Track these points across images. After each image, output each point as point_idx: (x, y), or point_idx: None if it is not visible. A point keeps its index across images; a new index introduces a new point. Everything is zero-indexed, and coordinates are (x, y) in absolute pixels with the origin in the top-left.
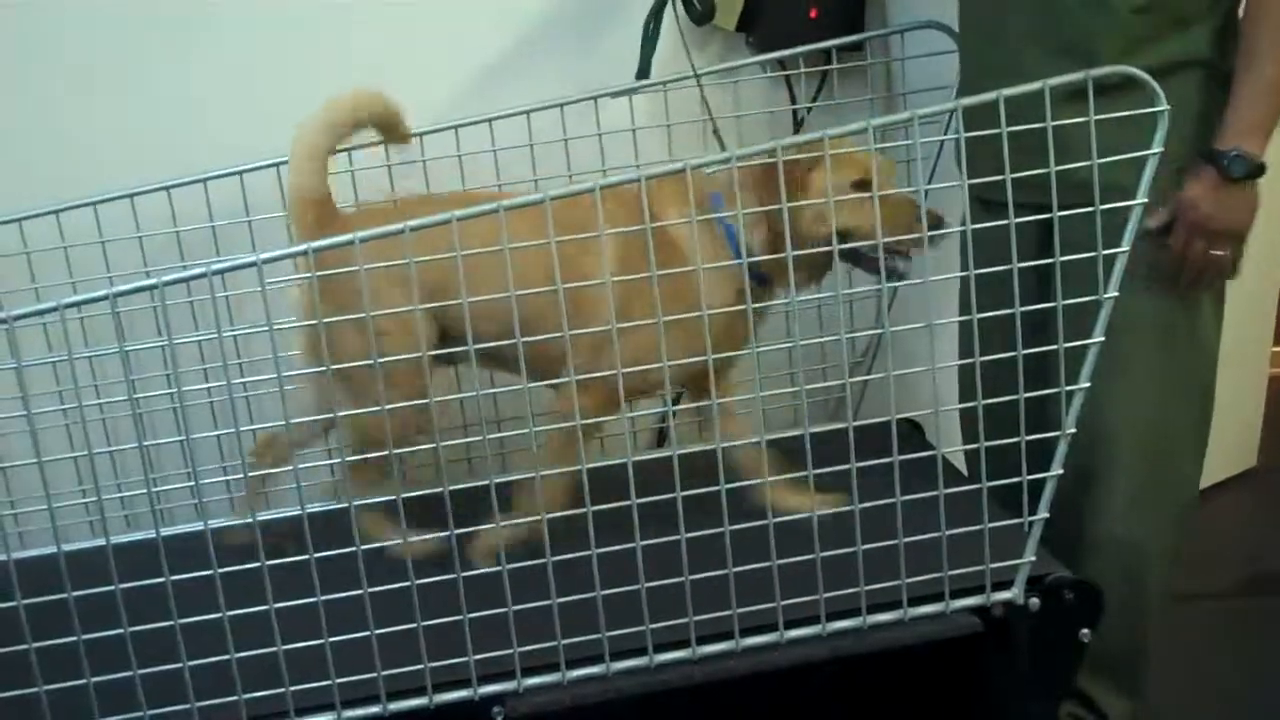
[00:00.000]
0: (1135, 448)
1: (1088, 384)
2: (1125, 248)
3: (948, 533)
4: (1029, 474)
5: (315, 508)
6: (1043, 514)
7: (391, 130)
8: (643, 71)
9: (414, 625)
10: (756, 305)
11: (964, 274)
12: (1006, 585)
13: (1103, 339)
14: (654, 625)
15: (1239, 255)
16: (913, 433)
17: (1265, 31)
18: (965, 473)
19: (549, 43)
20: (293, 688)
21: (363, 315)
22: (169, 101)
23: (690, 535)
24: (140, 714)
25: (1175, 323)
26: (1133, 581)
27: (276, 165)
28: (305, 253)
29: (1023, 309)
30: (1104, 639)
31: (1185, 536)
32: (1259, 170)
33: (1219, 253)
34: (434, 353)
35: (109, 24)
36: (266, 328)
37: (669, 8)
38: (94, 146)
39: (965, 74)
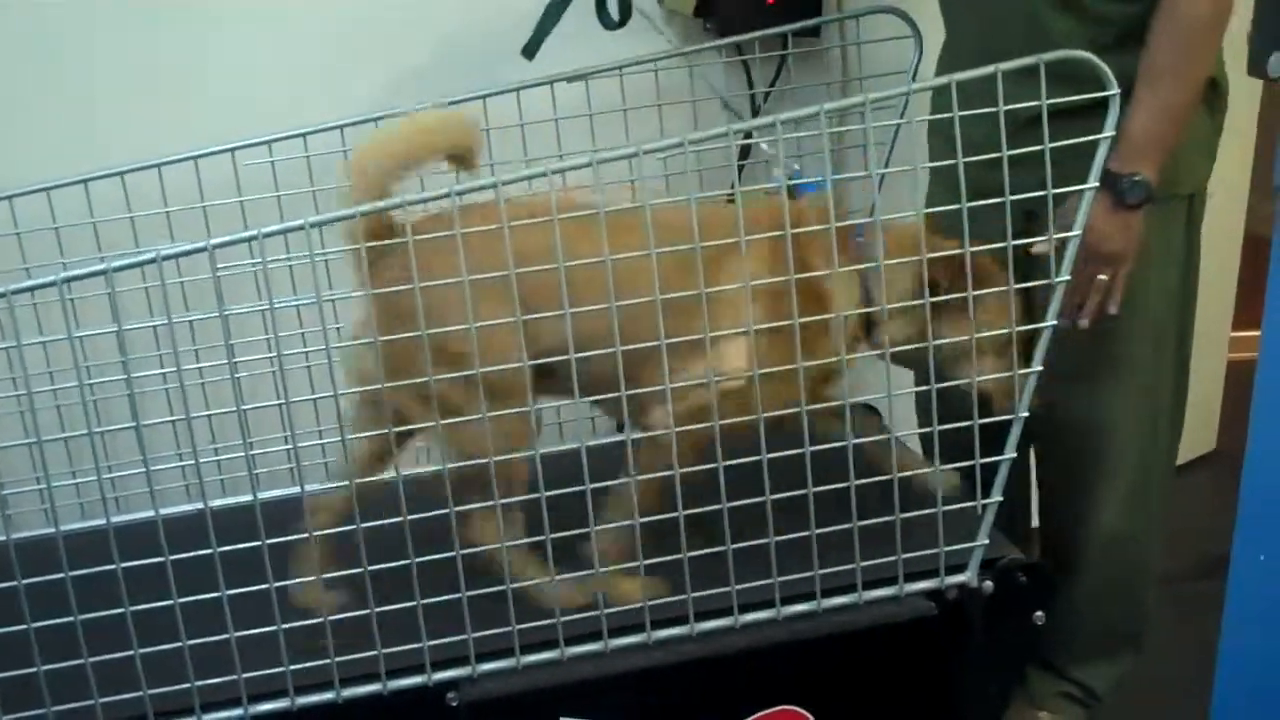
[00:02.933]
0: (1131, 444)
1: (1040, 368)
2: (1077, 232)
3: (902, 516)
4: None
5: (268, 494)
6: (996, 497)
7: (463, 160)
8: (529, 51)
9: (367, 611)
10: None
11: (917, 258)
12: (960, 569)
13: (1055, 322)
14: (607, 610)
15: (1124, 283)
16: (870, 417)
17: (1169, 52)
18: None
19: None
20: (246, 674)
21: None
22: (124, 86)
23: (645, 520)
24: (91, 702)
25: (1168, 323)
26: (1134, 573)
27: (231, 150)
28: (256, 237)
29: (976, 293)
30: (1105, 627)
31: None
32: (1151, 198)
33: (1103, 277)
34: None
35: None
36: (217, 314)
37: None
38: (47, 133)
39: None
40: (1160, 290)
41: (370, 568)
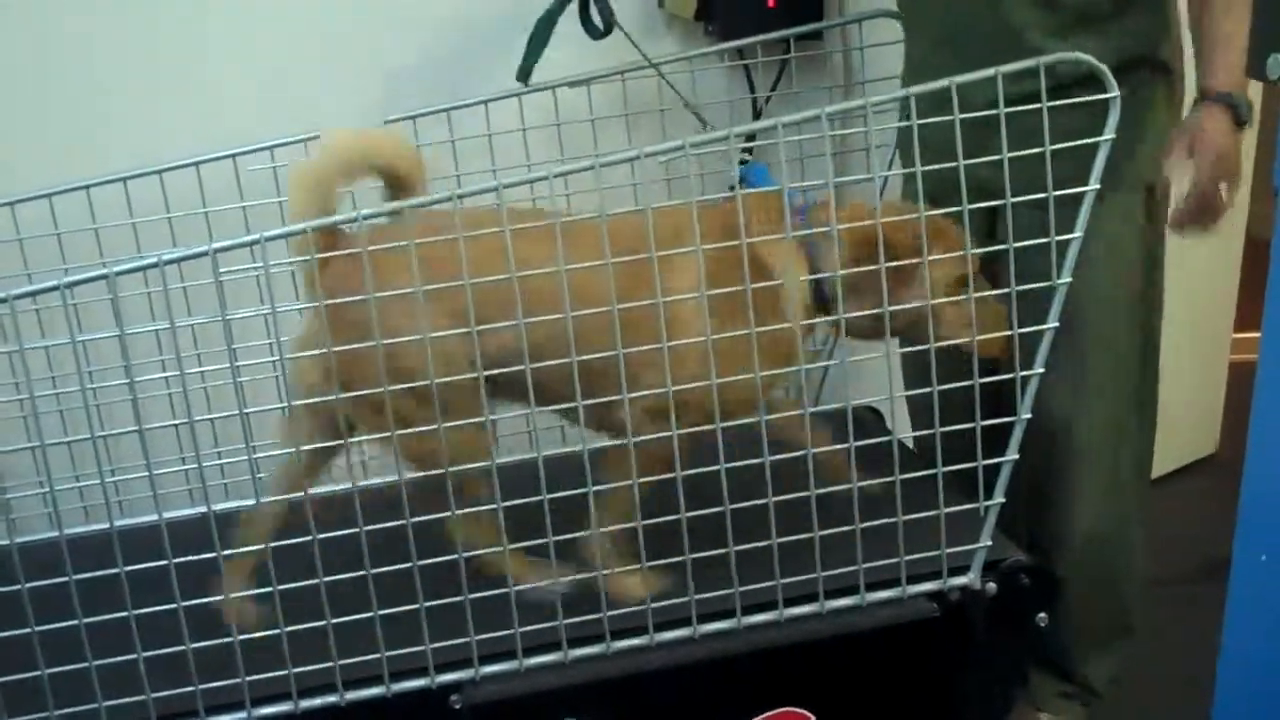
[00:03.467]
0: (1100, 443)
1: (1041, 370)
2: (1078, 234)
3: (904, 518)
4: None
5: (271, 498)
6: (998, 499)
7: (401, 183)
8: (523, 74)
9: (370, 614)
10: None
11: (918, 260)
12: (963, 570)
13: (1056, 324)
14: (610, 613)
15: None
16: (872, 420)
17: None
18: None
19: (502, 31)
20: (249, 677)
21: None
22: (126, 92)
23: (647, 523)
24: (95, 705)
25: (1132, 320)
26: (1115, 572)
27: (233, 156)
28: (258, 241)
29: (975, 295)
30: (1093, 625)
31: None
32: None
33: (1225, 186)
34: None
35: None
36: (220, 318)
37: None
38: (50, 139)
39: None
40: (1122, 288)
41: (373, 570)
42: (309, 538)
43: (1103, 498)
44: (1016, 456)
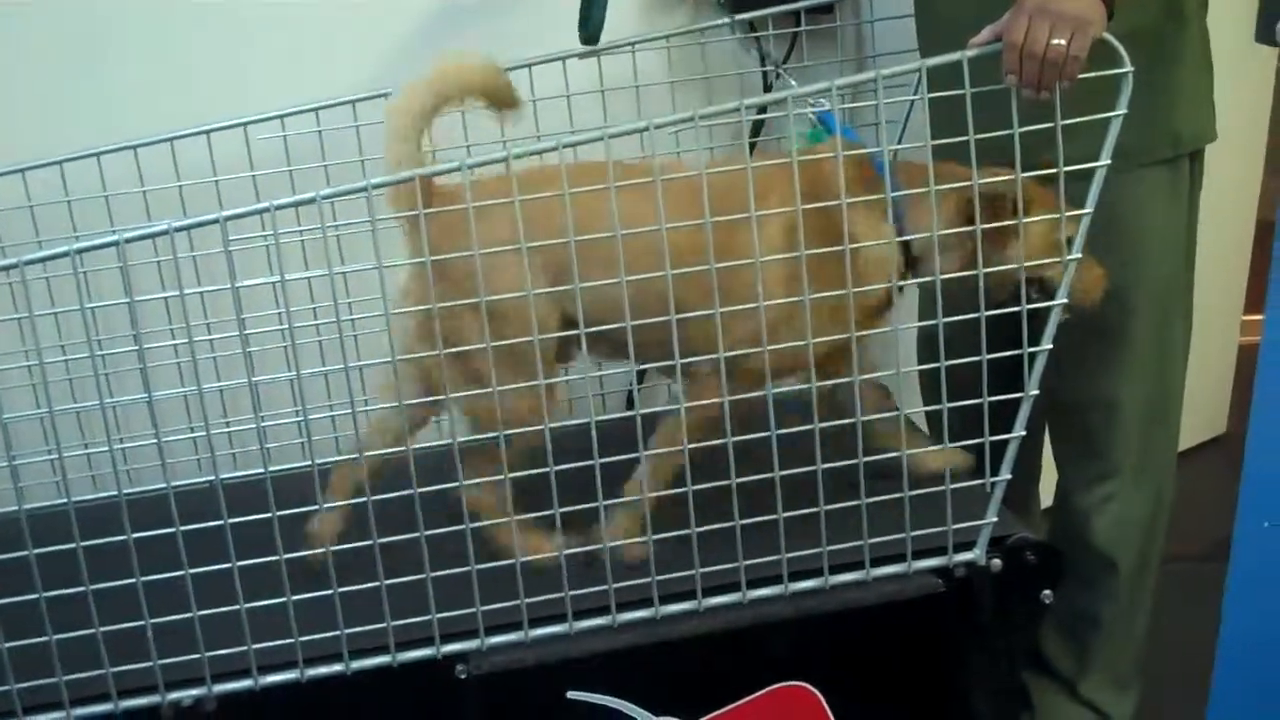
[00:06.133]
0: (1136, 419)
1: (1049, 346)
2: (1089, 210)
3: (910, 493)
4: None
5: (279, 468)
6: (1005, 475)
7: (501, 100)
8: (591, 37)
9: (376, 584)
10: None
11: (928, 235)
12: (969, 546)
13: (1065, 301)
14: (617, 585)
15: (1080, 49)
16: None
17: None
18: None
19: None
20: (256, 646)
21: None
22: (137, 60)
23: (653, 495)
24: (102, 671)
25: (1175, 292)
26: (1141, 555)
27: (244, 125)
28: (268, 210)
29: (986, 270)
30: (1117, 618)
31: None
32: None
33: (1059, 41)
34: (561, 335)
35: None
36: (229, 286)
37: None
38: (60, 106)
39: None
40: (1168, 257)
41: (380, 540)
42: (314, 508)
43: (1139, 480)
44: (1024, 433)
